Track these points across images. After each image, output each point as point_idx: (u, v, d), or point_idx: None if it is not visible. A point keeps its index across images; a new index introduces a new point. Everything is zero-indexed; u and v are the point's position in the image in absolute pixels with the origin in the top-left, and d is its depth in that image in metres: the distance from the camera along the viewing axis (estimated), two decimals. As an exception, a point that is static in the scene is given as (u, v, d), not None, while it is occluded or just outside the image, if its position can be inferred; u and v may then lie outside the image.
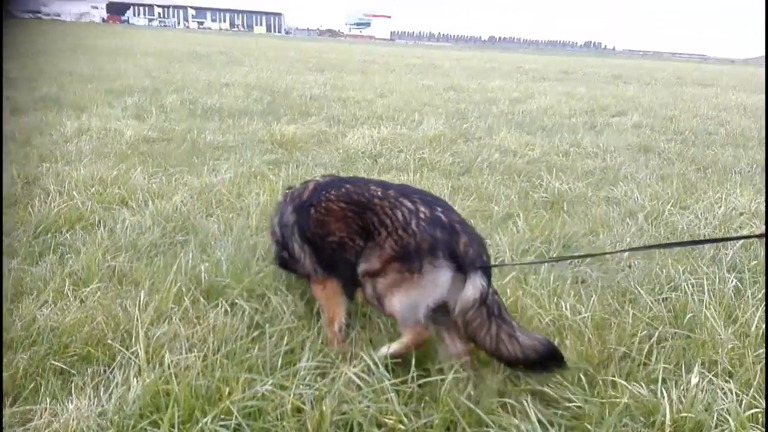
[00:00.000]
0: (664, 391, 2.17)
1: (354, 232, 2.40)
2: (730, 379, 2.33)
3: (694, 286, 3.13)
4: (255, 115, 8.78)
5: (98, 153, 5.82)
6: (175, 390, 2.03)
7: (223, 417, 1.96)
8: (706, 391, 2.21)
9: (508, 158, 6.65)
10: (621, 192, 5.27)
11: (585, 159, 6.93)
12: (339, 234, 2.44)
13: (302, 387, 2.13)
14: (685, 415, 2.08)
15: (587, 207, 4.84)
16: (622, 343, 2.57)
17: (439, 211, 2.31)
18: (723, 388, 2.23)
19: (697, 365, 2.35)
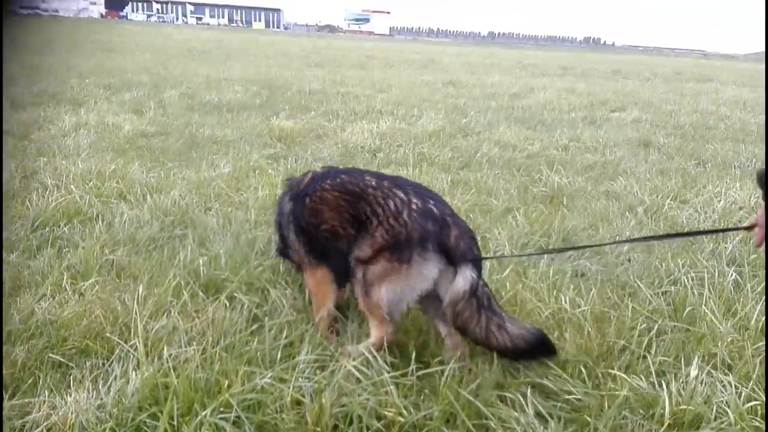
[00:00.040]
0: (664, 384, 2.17)
1: (346, 221, 2.41)
2: (729, 372, 2.34)
3: (693, 280, 3.14)
4: (254, 110, 8.76)
5: (96, 147, 5.80)
6: (174, 383, 2.03)
7: (222, 410, 1.96)
8: (706, 384, 2.21)
9: (508, 153, 6.64)
10: (620, 186, 5.26)
11: (584, 153, 6.92)
12: (332, 222, 2.46)
13: (302, 380, 2.12)
14: (684, 407, 2.08)
15: (587, 201, 4.83)
16: (621, 336, 2.57)
17: (432, 203, 2.32)
18: (722, 381, 2.24)
19: (696, 358, 2.35)
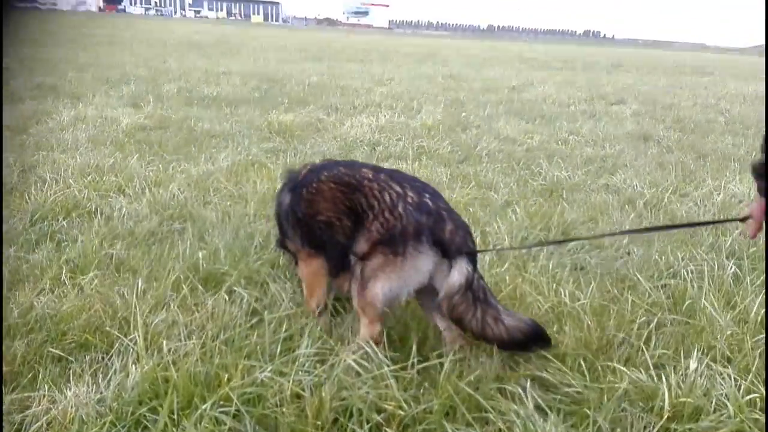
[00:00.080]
0: (663, 377, 2.17)
1: (341, 212, 2.41)
2: (728, 365, 2.33)
3: (693, 273, 3.14)
4: (252, 104, 8.73)
5: (95, 141, 5.78)
6: (174, 377, 2.02)
7: (222, 403, 1.95)
8: (705, 377, 2.21)
9: (507, 146, 6.63)
10: (620, 180, 5.26)
11: (584, 147, 6.91)
12: (327, 214, 2.46)
13: (301, 373, 2.12)
14: (683, 400, 2.08)
15: (586, 195, 4.83)
16: (621, 330, 2.57)
17: (427, 197, 2.32)
18: (722, 374, 2.24)
19: (696, 351, 2.35)
